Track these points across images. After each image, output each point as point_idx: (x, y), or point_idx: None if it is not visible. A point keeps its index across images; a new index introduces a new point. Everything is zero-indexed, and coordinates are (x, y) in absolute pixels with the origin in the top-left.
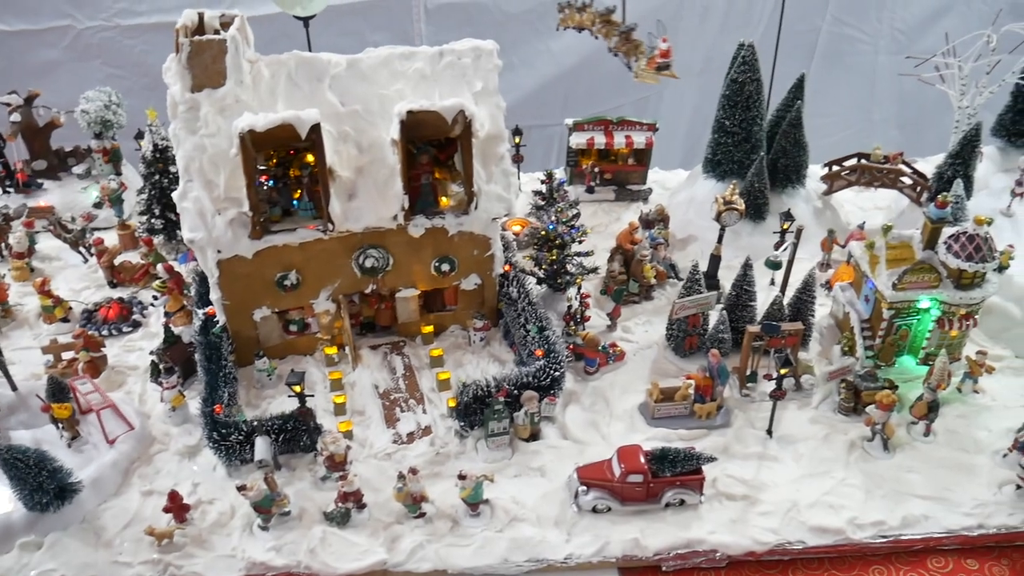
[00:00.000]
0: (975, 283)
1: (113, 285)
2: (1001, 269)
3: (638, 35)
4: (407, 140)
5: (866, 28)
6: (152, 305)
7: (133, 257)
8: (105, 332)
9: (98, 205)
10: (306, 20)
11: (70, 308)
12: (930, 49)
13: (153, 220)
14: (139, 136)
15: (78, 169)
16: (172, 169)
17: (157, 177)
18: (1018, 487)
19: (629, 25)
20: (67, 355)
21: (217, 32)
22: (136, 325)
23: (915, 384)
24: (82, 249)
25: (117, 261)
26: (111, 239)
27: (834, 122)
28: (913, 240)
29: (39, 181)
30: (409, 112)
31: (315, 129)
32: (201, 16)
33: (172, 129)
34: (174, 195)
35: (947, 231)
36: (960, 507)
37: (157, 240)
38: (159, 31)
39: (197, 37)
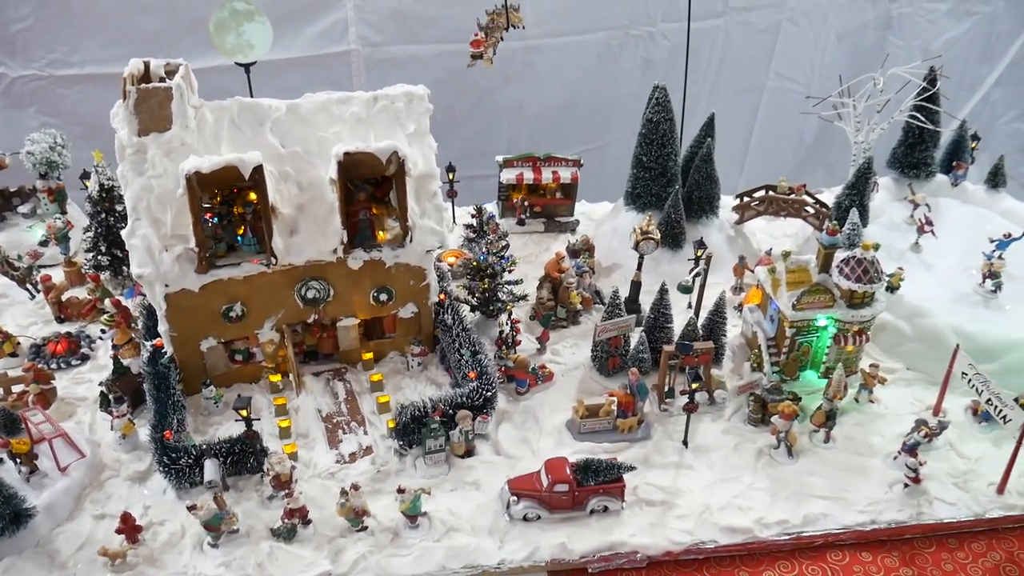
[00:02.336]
0: (865, 302)
1: (60, 320)
2: (892, 290)
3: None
4: (345, 179)
5: (800, 78)
6: (100, 338)
7: (80, 293)
8: (54, 365)
9: (44, 243)
10: (247, 67)
11: (18, 343)
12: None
13: (99, 257)
14: (85, 176)
15: (23, 208)
16: (118, 208)
17: (103, 215)
18: (906, 486)
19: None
20: (17, 388)
21: (162, 79)
22: (84, 358)
23: (818, 395)
24: (29, 286)
25: (64, 297)
26: (57, 276)
27: (746, 154)
28: (809, 265)
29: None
30: (346, 153)
31: (258, 170)
32: (147, 64)
33: (120, 171)
34: (123, 233)
35: (839, 255)
36: (855, 505)
37: (104, 276)
38: (92, 82)
39: (144, 85)
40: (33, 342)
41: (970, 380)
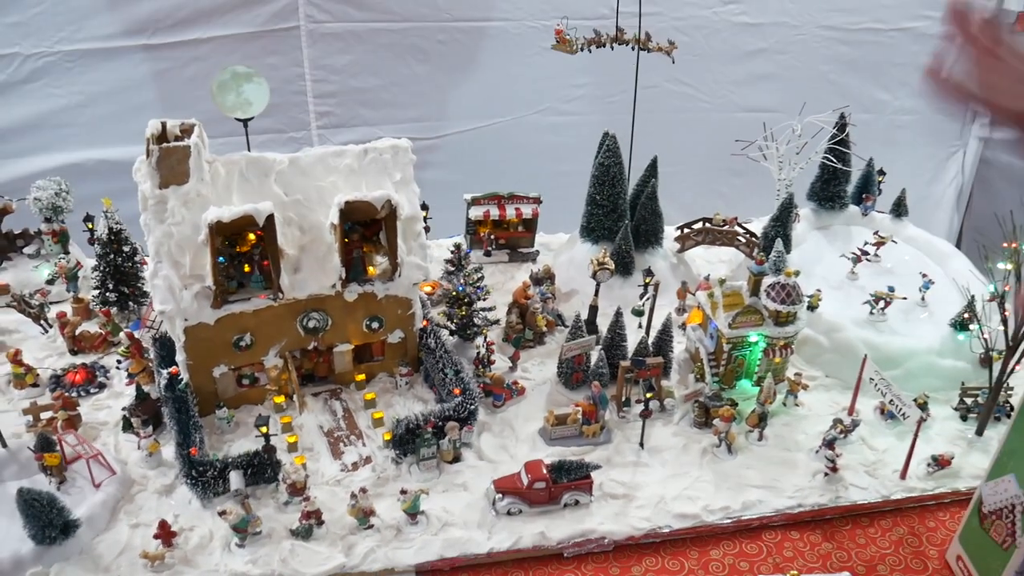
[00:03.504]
0: (789, 321)
1: (74, 353)
2: (812, 308)
3: None
4: (342, 223)
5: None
6: (117, 367)
7: (91, 327)
8: (75, 394)
9: (51, 281)
10: (245, 122)
11: (38, 374)
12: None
13: (107, 294)
14: (88, 219)
15: (29, 250)
16: (125, 248)
17: (112, 256)
18: (826, 475)
19: None
20: (45, 415)
21: (178, 137)
22: (102, 386)
23: (752, 401)
24: (43, 322)
25: (78, 331)
26: (69, 312)
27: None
28: (742, 289)
29: (8, 255)
30: (347, 202)
31: (270, 218)
32: (164, 124)
33: (143, 219)
34: (146, 274)
35: (766, 281)
36: (785, 492)
37: (113, 311)
38: (93, 55)
39: (165, 144)
40: (53, 373)
41: (876, 384)
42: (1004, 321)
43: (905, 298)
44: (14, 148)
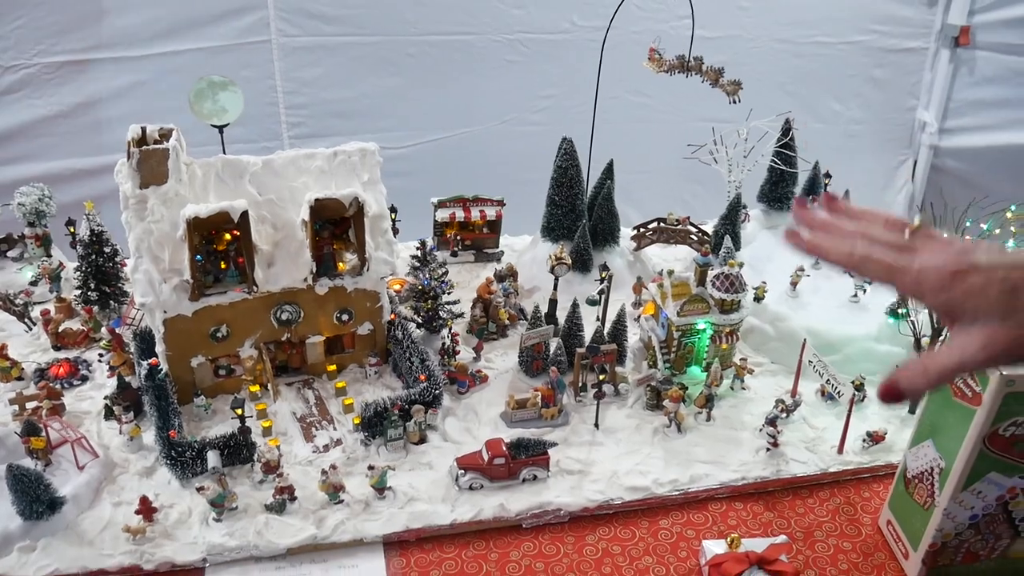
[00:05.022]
0: (734, 308)
1: (57, 348)
2: (758, 300)
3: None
4: (313, 220)
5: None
6: (99, 360)
7: (74, 325)
8: (59, 386)
9: (34, 282)
10: (221, 128)
11: (23, 368)
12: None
13: (89, 293)
14: (70, 223)
15: (13, 253)
16: (106, 250)
17: (93, 256)
18: (768, 450)
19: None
20: (31, 404)
21: (157, 141)
22: (84, 379)
23: (700, 386)
24: (27, 320)
25: (60, 328)
26: (52, 310)
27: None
28: (689, 280)
29: None
30: (317, 200)
31: (244, 214)
32: (143, 129)
33: (124, 217)
34: (127, 268)
35: (712, 272)
36: (730, 467)
37: (95, 309)
38: (70, 67)
39: (145, 147)
40: (37, 366)
41: (814, 366)
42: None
43: (808, 275)
44: None
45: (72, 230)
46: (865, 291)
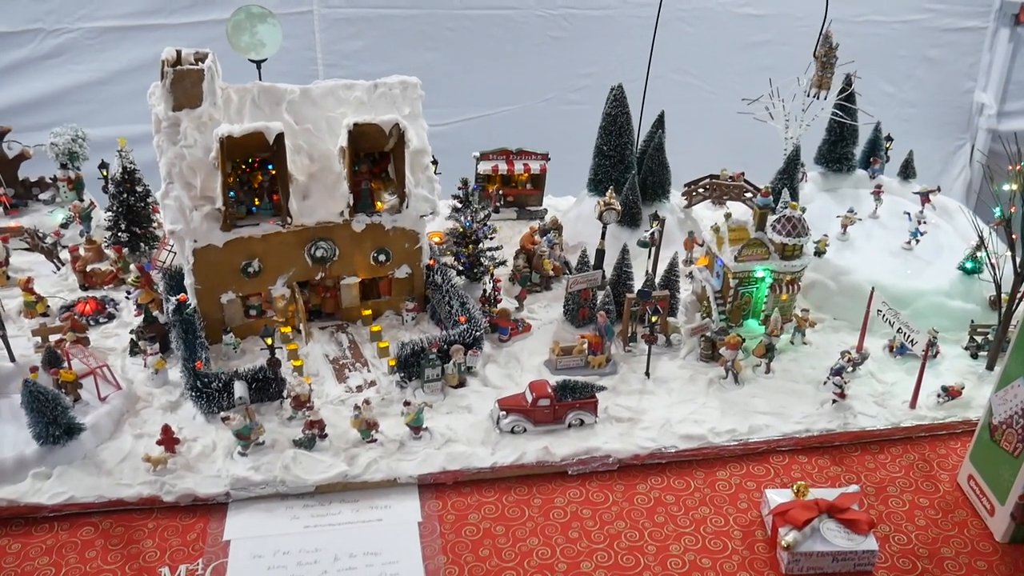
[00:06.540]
0: (795, 255)
1: (85, 288)
2: (819, 254)
3: None
4: (352, 151)
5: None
6: (127, 298)
7: (102, 266)
8: (84, 321)
9: (65, 224)
10: (259, 63)
11: (48, 305)
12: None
13: (120, 233)
14: (103, 166)
15: (44, 196)
16: (138, 189)
17: (125, 196)
18: (834, 402)
19: None
20: (54, 337)
21: (192, 63)
22: (111, 317)
23: (758, 340)
24: (55, 259)
25: (88, 268)
26: (82, 250)
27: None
28: (748, 224)
29: (24, 201)
30: (356, 124)
31: (279, 137)
32: (179, 52)
33: (156, 141)
34: (158, 195)
35: (772, 217)
36: (792, 419)
37: (124, 251)
38: (111, 32)
39: (179, 67)
40: (63, 303)
41: (884, 315)
42: (1011, 246)
43: (860, 219)
44: (34, 122)
45: (105, 173)
46: (919, 240)
